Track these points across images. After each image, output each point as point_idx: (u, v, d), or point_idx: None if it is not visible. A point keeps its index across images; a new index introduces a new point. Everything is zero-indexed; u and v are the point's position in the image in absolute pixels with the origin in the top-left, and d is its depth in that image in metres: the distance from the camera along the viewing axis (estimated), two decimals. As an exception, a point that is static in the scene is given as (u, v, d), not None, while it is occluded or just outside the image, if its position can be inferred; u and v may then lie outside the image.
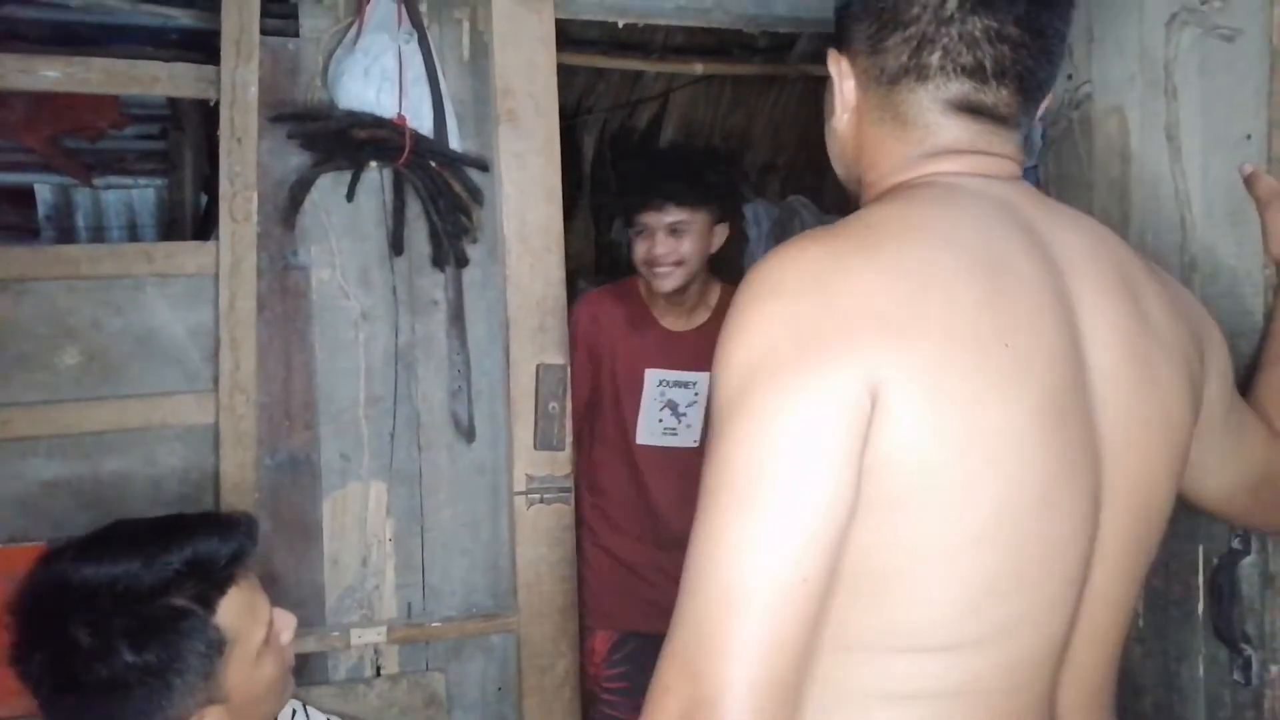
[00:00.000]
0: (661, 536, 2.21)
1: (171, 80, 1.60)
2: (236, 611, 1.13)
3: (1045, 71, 0.89)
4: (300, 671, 1.58)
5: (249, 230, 1.59)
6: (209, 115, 1.76)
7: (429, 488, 1.73)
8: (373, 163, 1.66)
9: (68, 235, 3.75)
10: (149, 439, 1.58)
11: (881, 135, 0.92)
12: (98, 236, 3.73)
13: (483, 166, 1.72)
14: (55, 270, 1.53)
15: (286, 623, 1.23)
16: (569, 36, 2.18)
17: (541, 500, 1.75)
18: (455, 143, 1.69)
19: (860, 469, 0.74)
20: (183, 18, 1.67)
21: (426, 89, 1.66)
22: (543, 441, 1.75)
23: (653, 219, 2.11)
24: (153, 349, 1.58)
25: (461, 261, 1.72)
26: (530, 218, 1.73)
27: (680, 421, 2.22)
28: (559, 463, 1.76)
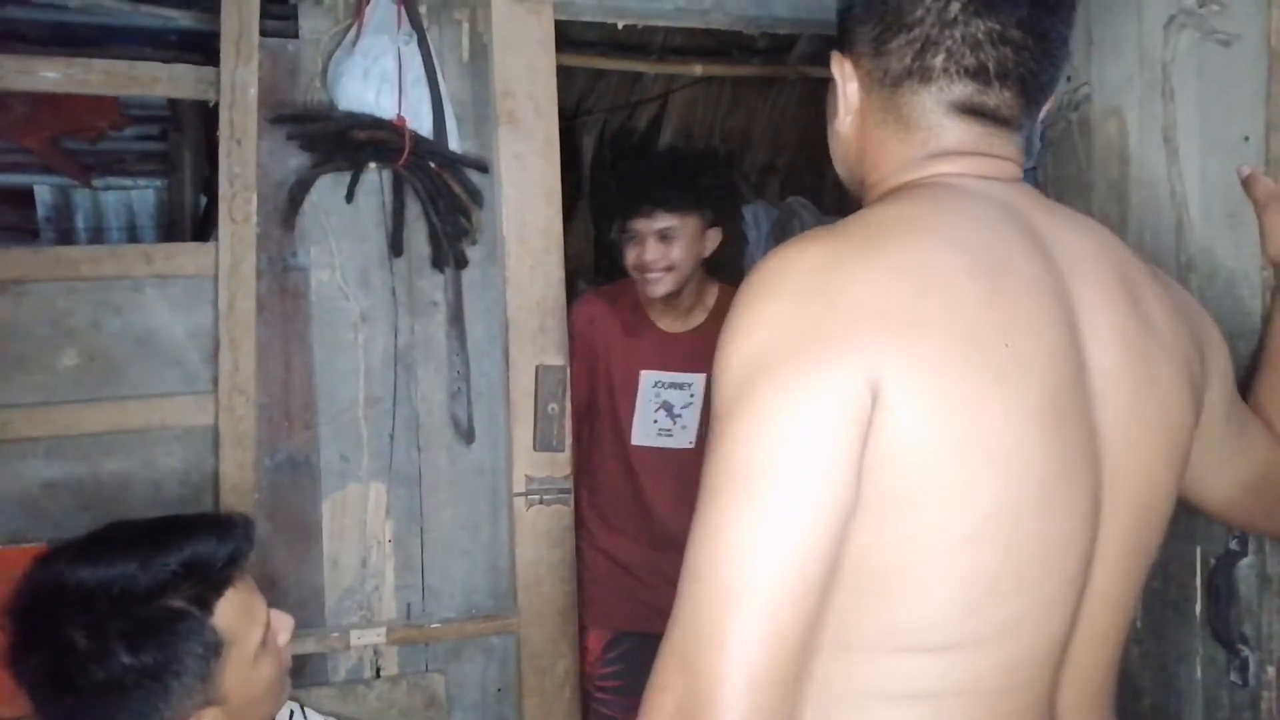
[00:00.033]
0: (657, 537, 2.20)
1: (171, 81, 1.60)
2: (234, 613, 1.13)
3: (1047, 74, 0.89)
4: (300, 673, 1.59)
5: (248, 231, 1.59)
6: (208, 116, 1.76)
7: (428, 489, 1.73)
8: (372, 164, 1.66)
9: (67, 236, 3.75)
10: (148, 440, 1.58)
11: (884, 137, 0.92)
12: (97, 237, 3.74)
13: (482, 168, 1.72)
14: (55, 271, 1.53)
15: (284, 624, 1.23)
16: (568, 38, 2.19)
17: (541, 501, 1.75)
18: (455, 144, 1.69)
19: (860, 468, 0.74)
20: (182, 19, 1.67)
21: (426, 90, 1.66)
22: (542, 443, 1.75)
23: (642, 225, 2.11)
24: (152, 350, 1.58)
25: (461, 263, 1.72)
26: (530, 219, 1.73)
27: (675, 423, 2.21)
28: (558, 464, 1.76)
